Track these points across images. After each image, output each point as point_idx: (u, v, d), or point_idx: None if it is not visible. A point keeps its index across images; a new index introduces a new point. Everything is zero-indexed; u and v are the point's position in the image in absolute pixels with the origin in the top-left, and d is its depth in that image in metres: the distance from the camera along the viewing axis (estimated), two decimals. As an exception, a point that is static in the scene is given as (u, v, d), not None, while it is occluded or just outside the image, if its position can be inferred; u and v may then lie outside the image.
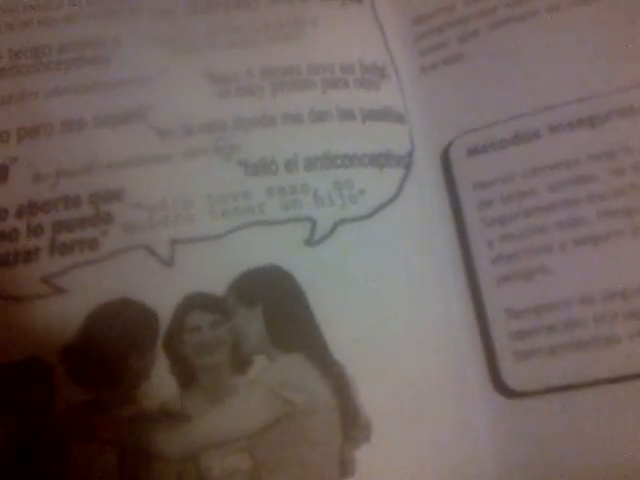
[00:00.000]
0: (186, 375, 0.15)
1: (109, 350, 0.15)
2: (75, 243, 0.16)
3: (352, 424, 0.15)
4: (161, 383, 0.15)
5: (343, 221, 0.17)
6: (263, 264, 0.16)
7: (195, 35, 0.18)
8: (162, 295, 0.16)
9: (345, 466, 0.15)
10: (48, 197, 0.16)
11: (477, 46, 0.18)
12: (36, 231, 0.16)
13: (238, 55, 0.18)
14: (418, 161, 0.18)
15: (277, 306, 0.16)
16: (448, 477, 0.16)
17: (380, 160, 0.17)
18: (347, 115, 0.18)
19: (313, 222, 0.16)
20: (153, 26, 0.18)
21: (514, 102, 0.18)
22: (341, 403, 0.15)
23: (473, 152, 0.18)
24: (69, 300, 0.15)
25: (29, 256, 0.16)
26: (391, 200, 0.17)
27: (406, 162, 0.18)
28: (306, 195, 0.17)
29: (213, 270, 0.16)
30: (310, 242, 0.16)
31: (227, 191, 0.16)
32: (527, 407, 0.16)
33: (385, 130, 0.18)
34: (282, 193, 0.17)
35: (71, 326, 0.15)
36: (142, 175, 0.16)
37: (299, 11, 0.19)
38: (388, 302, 0.16)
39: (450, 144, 0.18)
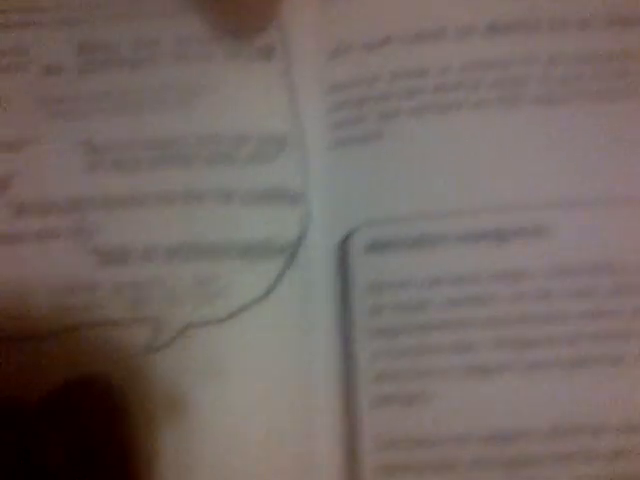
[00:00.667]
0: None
1: None
2: None
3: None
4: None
5: (195, 324, 0.15)
6: (89, 373, 0.14)
7: (82, 97, 0.16)
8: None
9: None
10: None
11: (398, 128, 0.17)
12: None
13: (123, 122, 0.16)
14: (310, 249, 0.16)
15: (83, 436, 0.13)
16: None
17: (255, 251, 0.16)
18: (225, 198, 0.16)
19: (159, 323, 0.15)
20: (39, 84, 0.16)
21: (427, 198, 0.16)
22: None
23: (373, 248, 0.16)
24: None
25: None
26: (260, 299, 0.15)
27: (290, 251, 0.16)
28: (159, 291, 0.15)
29: (32, 377, 0.14)
30: (152, 347, 0.15)
31: (72, 283, 0.15)
32: None
33: (269, 215, 0.16)
34: (132, 288, 0.15)
35: None
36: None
37: (200, 73, 0.16)
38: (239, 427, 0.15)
39: (350, 234, 0.16)
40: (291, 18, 0.18)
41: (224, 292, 0.15)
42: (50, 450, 0.13)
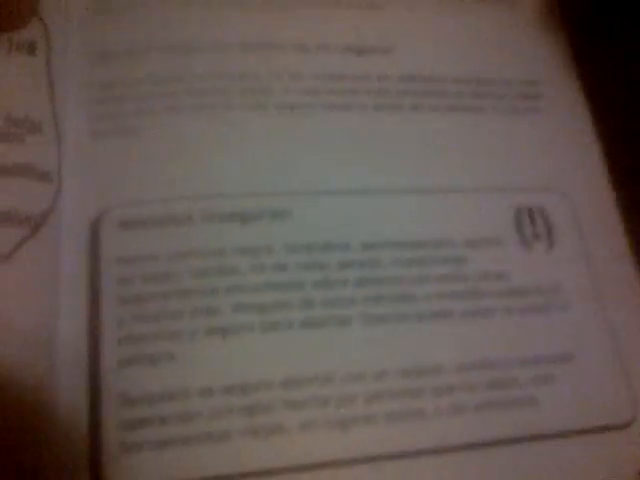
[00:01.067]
0: None
1: None
2: None
3: None
4: None
5: None
6: None
7: None
8: None
9: None
10: None
11: (152, 125, 0.18)
12: None
13: None
14: (63, 224, 0.17)
15: None
16: None
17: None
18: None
19: None
20: None
21: (175, 184, 0.18)
22: None
23: (125, 225, 0.17)
24: None
25: None
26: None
27: (34, 222, 0.16)
28: None
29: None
30: None
31: None
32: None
33: (15, 188, 0.16)
34: None
35: None
36: None
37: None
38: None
39: (103, 213, 0.17)
40: (57, 17, 0.19)
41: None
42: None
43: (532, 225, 0.20)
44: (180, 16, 0.20)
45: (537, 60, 0.22)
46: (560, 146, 0.21)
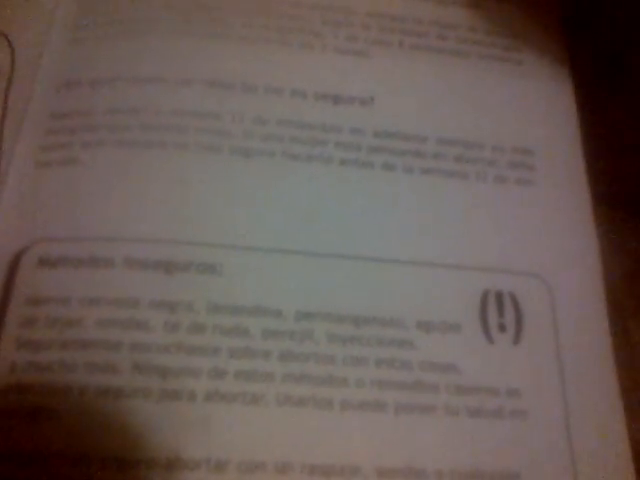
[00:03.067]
0: None
1: None
2: None
3: None
4: None
5: None
6: None
7: None
8: None
9: None
10: None
11: (94, 157, 0.17)
12: None
13: None
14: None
15: None
16: None
17: None
18: None
19: None
20: None
21: (104, 224, 0.16)
22: None
23: (44, 263, 0.16)
24: None
25: None
26: None
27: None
28: None
29: None
30: None
31: None
32: None
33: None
34: None
35: None
36: None
37: None
38: None
39: (27, 247, 0.16)
40: (28, 43, 0.19)
41: None
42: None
43: (499, 313, 0.17)
44: (151, 48, 0.19)
45: (536, 127, 0.19)
46: (549, 225, 0.18)
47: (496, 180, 0.19)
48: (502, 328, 0.17)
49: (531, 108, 0.20)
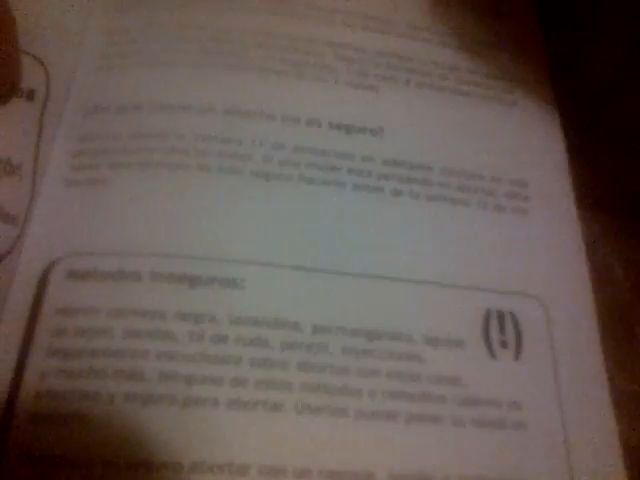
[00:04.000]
0: None
1: None
2: None
3: None
4: None
5: None
6: None
7: None
8: None
9: None
10: None
11: (123, 177, 0.18)
12: None
13: None
14: (20, 267, 0.17)
15: None
16: None
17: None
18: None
19: None
20: None
21: (131, 240, 0.17)
22: None
23: (73, 276, 0.17)
24: None
25: None
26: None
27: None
28: None
29: None
30: None
31: None
32: None
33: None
34: None
35: None
36: None
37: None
38: None
39: (56, 261, 0.17)
40: (62, 69, 0.20)
41: None
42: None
43: (500, 331, 0.18)
44: (176, 77, 0.20)
45: (529, 162, 0.21)
46: (543, 251, 0.20)
47: (495, 209, 0.20)
48: (504, 344, 0.18)
49: (524, 143, 0.21)
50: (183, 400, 0.16)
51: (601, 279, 0.20)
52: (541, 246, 0.20)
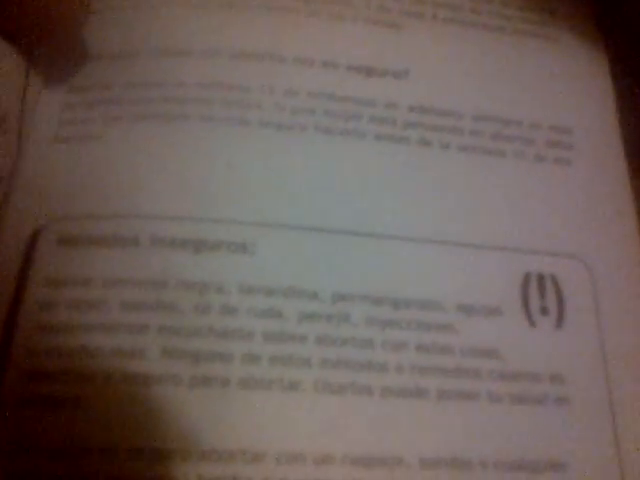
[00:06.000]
0: None
1: None
2: None
3: None
4: None
5: None
6: None
7: None
8: None
9: None
10: None
11: (117, 131, 0.16)
12: None
13: None
14: (6, 231, 0.15)
15: None
16: None
17: None
18: None
19: None
20: None
21: (130, 200, 0.15)
22: None
23: (64, 242, 0.15)
24: None
25: None
26: None
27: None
28: None
29: None
30: None
31: None
32: None
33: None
34: None
35: None
36: None
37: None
38: None
39: (44, 227, 0.15)
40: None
41: None
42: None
43: (541, 296, 0.16)
44: (176, 19, 0.18)
45: (574, 105, 0.19)
46: (588, 206, 0.18)
47: (535, 159, 0.18)
48: (544, 311, 0.16)
49: (567, 85, 0.19)
50: (189, 380, 0.14)
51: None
52: (586, 201, 0.18)
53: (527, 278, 0.17)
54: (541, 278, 0.17)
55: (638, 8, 0.20)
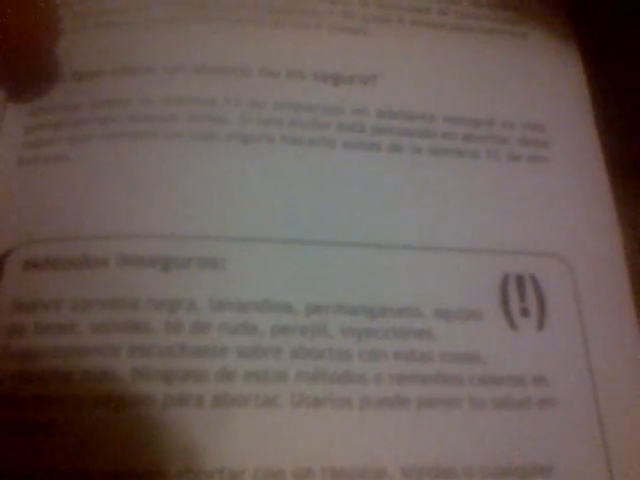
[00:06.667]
0: None
1: None
2: None
3: None
4: None
5: None
6: None
7: None
8: None
9: None
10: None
11: (82, 151, 0.16)
12: None
13: None
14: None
15: None
16: None
17: None
18: None
19: None
20: None
21: (96, 221, 0.15)
22: None
23: (30, 266, 0.15)
24: None
25: None
26: None
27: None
28: None
29: None
30: None
31: None
32: None
33: None
34: None
35: None
36: None
37: None
38: None
39: (11, 249, 0.15)
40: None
41: None
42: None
43: (520, 297, 0.16)
44: (138, 36, 0.18)
45: (546, 102, 0.18)
46: (565, 203, 0.17)
47: (508, 158, 0.18)
48: (525, 313, 0.16)
49: (539, 81, 0.19)
50: (162, 400, 0.14)
51: (635, 239, 0.17)
52: (564, 198, 0.17)
53: (505, 279, 0.16)
54: (520, 279, 0.16)
55: (608, 2, 0.19)
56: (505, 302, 0.16)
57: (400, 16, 0.19)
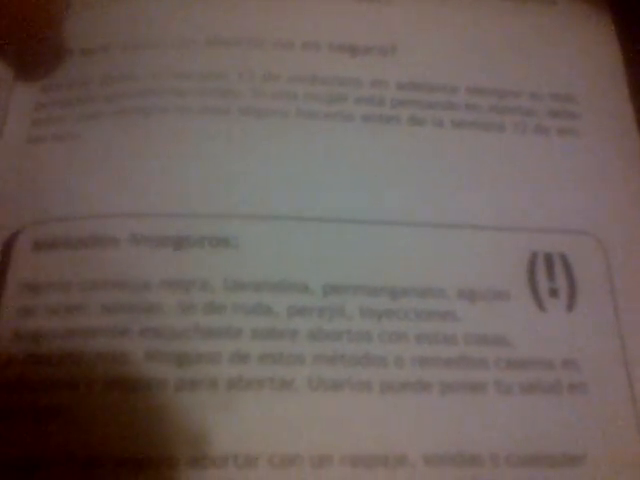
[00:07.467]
0: None
1: None
2: None
3: None
4: None
5: None
6: None
7: None
8: None
9: None
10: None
11: (94, 129, 0.16)
12: None
13: None
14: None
15: None
16: None
17: None
18: None
19: None
20: None
21: (107, 199, 0.15)
22: None
23: (40, 246, 0.14)
24: None
25: None
26: None
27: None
28: None
29: None
30: None
31: None
32: None
33: None
34: None
35: None
36: None
37: None
38: None
39: (19, 232, 0.15)
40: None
41: None
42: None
43: (549, 277, 0.15)
44: (149, 9, 0.17)
45: (576, 71, 0.17)
46: (597, 178, 0.16)
47: (536, 131, 0.17)
48: (554, 293, 0.15)
49: (569, 49, 0.18)
50: (174, 383, 0.13)
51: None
52: (595, 173, 0.16)
53: (533, 258, 0.15)
54: (549, 258, 0.16)
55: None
56: (533, 282, 0.15)
57: (422, -17, 0.18)
